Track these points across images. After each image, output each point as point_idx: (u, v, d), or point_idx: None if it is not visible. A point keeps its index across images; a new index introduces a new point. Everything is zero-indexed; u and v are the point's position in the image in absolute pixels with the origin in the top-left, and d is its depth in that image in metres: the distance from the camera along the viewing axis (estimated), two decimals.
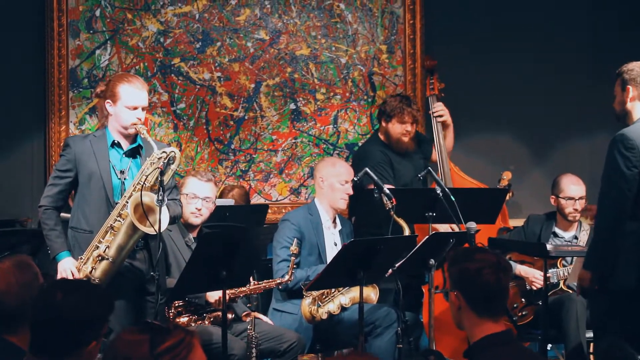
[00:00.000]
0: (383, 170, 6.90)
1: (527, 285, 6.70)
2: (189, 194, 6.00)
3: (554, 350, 7.27)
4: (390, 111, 7.05)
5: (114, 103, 5.35)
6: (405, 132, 7.04)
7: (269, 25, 8.41)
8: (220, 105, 8.35)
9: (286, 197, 8.46)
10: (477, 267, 3.61)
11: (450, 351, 6.62)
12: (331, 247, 6.40)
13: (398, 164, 7.06)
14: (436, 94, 7.45)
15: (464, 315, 3.65)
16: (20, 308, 3.61)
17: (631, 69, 5.29)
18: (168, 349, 2.74)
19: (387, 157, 7.02)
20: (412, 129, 7.07)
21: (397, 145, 7.06)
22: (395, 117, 7.03)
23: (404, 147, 7.08)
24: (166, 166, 5.09)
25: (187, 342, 2.79)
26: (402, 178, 7.01)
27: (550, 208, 7.09)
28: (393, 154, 7.07)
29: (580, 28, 8.84)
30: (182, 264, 5.74)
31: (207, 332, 5.64)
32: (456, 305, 3.66)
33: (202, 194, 6.02)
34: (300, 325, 6.12)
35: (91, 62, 8.15)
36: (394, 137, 7.06)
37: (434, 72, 7.53)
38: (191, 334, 2.83)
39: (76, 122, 8.11)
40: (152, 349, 2.72)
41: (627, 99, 5.26)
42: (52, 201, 5.37)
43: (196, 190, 6.02)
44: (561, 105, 8.78)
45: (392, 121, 7.05)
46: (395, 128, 7.05)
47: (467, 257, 3.67)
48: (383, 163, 6.98)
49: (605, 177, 5.22)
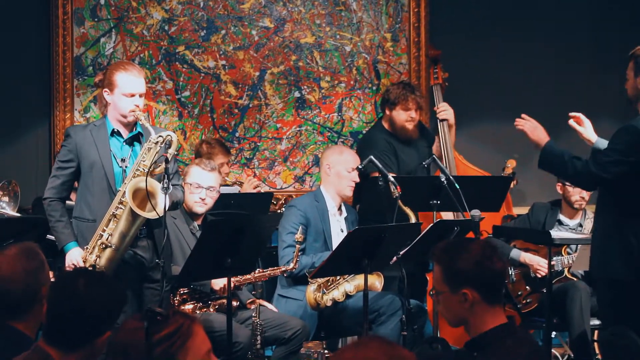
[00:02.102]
0: (387, 159, 6.91)
1: (531, 272, 6.71)
2: (192, 184, 6.00)
3: (558, 338, 7.28)
4: (395, 98, 7.05)
5: (111, 91, 5.37)
6: (409, 119, 7.05)
7: (274, 13, 8.40)
8: (225, 93, 8.35)
9: (291, 185, 8.46)
10: (485, 257, 3.49)
11: (454, 339, 6.63)
12: (337, 233, 6.41)
13: (402, 152, 7.07)
14: (440, 82, 7.46)
15: (477, 310, 3.49)
16: (26, 295, 3.60)
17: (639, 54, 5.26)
18: (164, 337, 2.73)
19: (391, 146, 7.03)
20: (416, 115, 7.08)
21: (401, 132, 7.07)
22: (400, 104, 7.04)
23: (409, 134, 7.09)
24: (164, 150, 5.10)
25: (184, 329, 2.78)
26: (407, 166, 7.02)
27: (554, 196, 7.09)
28: (397, 142, 7.07)
29: (583, 16, 8.83)
30: (186, 251, 5.75)
31: (211, 320, 5.65)
32: (468, 302, 3.48)
33: (205, 184, 6.03)
34: (305, 311, 6.13)
35: (96, 50, 8.15)
36: (399, 124, 7.06)
37: (438, 61, 7.54)
38: (191, 320, 2.82)
39: (81, 110, 8.11)
40: (148, 338, 2.71)
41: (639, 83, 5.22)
42: (57, 192, 5.39)
43: (200, 180, 6.03)
44: (565, 94, 8.76)
45: (396, 108, 7.06)
46: (399, 115, 7.06)
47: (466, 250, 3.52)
48: (387, 151, 6.99)
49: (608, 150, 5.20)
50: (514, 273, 6.77)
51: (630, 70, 5.24)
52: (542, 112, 8.71)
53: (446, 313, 3.61)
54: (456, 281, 3.51)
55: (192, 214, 6.05)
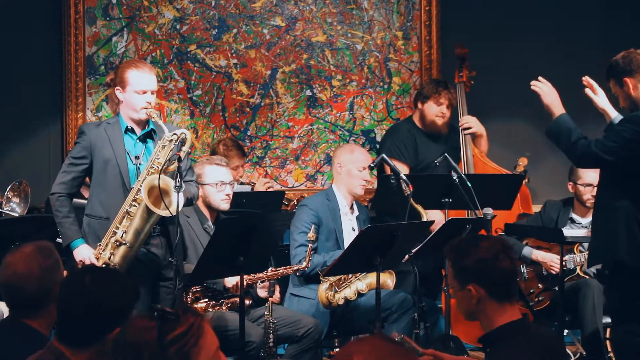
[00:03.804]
0: (403, 148, 6.99)
1: (544, 270, 6.70)
2: (217, 183, 5.97)
3: (570, 335, 7.27)
4: (428, 92, 7.13)
5: (123, 89, 5.37)
6: (440, 114, 7.11)
7: (285, 12, 8.42)
8: (237, 92, 8.36)
9: (302, 184, 8.47)
10: (492, 254, 3.54)
11: (467, 337, 6.64)
12: (349, 232, 6.41)
13: (423, 144, 7.10)
14: (464, 81, 7.47)
15: (485, 306, 3.57)
16: (41, 293, 3.62)
17: (614, 64, 5.32)
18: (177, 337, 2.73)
19: (412, 137, 7.10)
20: (447, 111, 7.12)
21: (431, 126, 7.12)
22: (432, 97, 7.10)
23: (438, 128, 7.13)
24: (178, 149, 5.11)
25: (196, 327, 2.77)
26: (425, 159, 7.04)
27: (565, 194, 7.08)
28: (421, 135, 7.12)
29: (593, 15, 8.81)
30: (199, 250, 5.75)
31: (224, 318, 5.65)
32: (475, 298, 3.56)
33: (228, 179, 6.01)
34: (317, 310, 6.13)
35: (108, 49, 8.17)
36: (429, 118, 7.12)
37: (465, 60, 7.54)
38: (201, 317, 2.82)
39: (93, 109, 8.14)
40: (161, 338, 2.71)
41: (630, 90, 5.24)
42: (66, 188, 5.38)
43: (223, 177, 5.98)
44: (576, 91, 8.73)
45: (428, 102, 7.11)
46: (430, 108, 7.11)
47: (474, 247, 3.59)
48: (406, 140, 7.08)
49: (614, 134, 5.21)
50: (526, 271, 6.76)
51: (614, 86, 5.34)
52: None
53: (459, 308, 3.71)
54: (463, 277, 3.60)
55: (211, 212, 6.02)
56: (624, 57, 5.28)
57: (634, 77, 5.21)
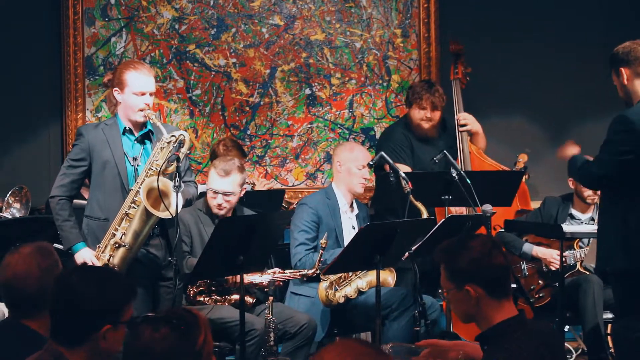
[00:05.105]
0: (401, 151, 6.96)
1: (544, 266, 6.70)
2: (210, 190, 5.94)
3: (571, 331, 7.28)
4: (411, 96, 7.09)
5: (121, 90, 5.37)
6: (424, 118, 7.05)
7: (284, 11, 8.42)
8: (236, 91, 8.36)
9: (302, 182, 8.47)
10: (485, 252, 3.54)
11: (468, 334, 6.63)
12: (349, 231, 6.41)
13: (419, 148, 7.08)
14: (459, 77, 7.44)
15: (483, 305, 3.55)
16: (40, 294, 3.62)
17: (615, 53, 5.36)
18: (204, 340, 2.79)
19: (407, 140, 7.06)
20: (432, 115, 7.06)
21: (417, 130, 7.08)
22: (415, 102, 7.05)
23: (423, 133, 7.09)
24: (177, 150, 5.11)
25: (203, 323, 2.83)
26: (421, 163, 7.01)
27: (565, 190, 7.08)
28: (415, 139, 7.09)
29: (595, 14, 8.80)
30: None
31: (225, 309, 5.70)
32: (473, 299, 3.54)
33: (221, 189, 5.92)
34: (318, 308, 6.13)
35: (107, 49, 8.18)
36: (414, 122, 7.08)
37: (460, 56, 7.53)
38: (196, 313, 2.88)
39: (92, 109, 8.14)
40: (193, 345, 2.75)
41: (624, 80, 5.28)
42: (66, 190, 5.38)
43: (215, 186, 5.88)
44: (577, 88, 8.75)
45: (412, 106, 7.08)
46: (415, 114, 7.08)
47: (466, 247, 3.57)
48: (402, 144, 7.03)
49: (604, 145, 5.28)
50: (526, 267, 6.76)
51: (613, 74, 5.39)
52: (553, 108, 8.76)
53: (455, 310, 3.69)
54: (459, 279, 3.58)
55: None
56: (624, 47, 5.34)
57: (630, 68, 5.26)
